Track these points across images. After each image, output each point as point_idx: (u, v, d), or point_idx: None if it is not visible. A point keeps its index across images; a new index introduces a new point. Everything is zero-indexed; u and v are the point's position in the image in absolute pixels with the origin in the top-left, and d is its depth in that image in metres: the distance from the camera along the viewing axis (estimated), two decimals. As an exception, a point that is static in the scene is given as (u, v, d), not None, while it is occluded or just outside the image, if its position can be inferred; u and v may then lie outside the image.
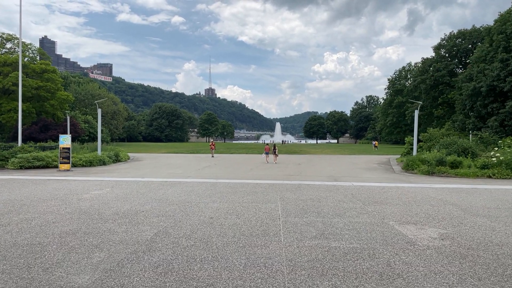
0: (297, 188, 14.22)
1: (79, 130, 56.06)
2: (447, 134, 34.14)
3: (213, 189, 13.86)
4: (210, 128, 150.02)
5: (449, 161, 22.68)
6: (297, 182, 16.49)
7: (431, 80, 50.51)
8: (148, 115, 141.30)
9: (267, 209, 9.82)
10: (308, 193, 12.89)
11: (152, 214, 9.11)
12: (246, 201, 11.19)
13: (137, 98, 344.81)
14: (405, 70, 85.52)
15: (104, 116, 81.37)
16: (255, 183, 15.73)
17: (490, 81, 30.78)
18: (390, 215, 9.17)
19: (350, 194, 12.90)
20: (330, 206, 10.42)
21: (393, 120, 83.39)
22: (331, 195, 12.48)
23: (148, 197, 11.73)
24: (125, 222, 8.15)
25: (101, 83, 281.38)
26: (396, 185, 15.72)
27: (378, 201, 11.35)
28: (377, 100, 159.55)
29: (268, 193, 12.93)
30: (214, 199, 11.42)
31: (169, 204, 10.46)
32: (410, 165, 24.29)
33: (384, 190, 13.96)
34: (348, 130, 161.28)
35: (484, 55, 33.38)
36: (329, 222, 8.32)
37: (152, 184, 15.14)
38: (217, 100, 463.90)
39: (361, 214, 9.32)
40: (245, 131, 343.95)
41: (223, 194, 12.48)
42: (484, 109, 32.03)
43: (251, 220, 8.42)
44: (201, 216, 8.91)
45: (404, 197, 12.22)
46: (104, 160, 27.19)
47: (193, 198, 11.57)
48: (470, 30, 48.73)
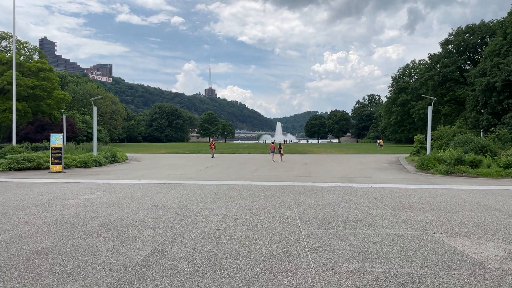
0: (311, 191, 12.72)
1: (76, 130, 54.60)
2: (459, 132, 32.64)
3: (217, 192, 12.36)
4: (211, 128, 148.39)
5: (468, 160, 21.19)
6: (308, 183, 14.99)
7: (439, 77, 48.89)
8: (148, 115, 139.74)
9: (283, 217, 8.32)
10: (324, 197, 11.39)
11: (146, 225, 7.61)
12: (257, 207, 9.69)
13: (137, 99, 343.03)
14: (409, 68, 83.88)
15: (102, 116, 79.96)
16: (263, 185, 14.23)
17: (506, 75, 29.25)
18: (432, 225, 7.66)
19: (373, 197, 11.40)
20: (355, 213, 8.92)
21: (397, 118, 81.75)
22: (352, 199, 10.98)
23: (143, 203, 10.23)
24: (113, 237, 6.65)
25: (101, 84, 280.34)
26: (420, 187, 14.22)
27: (408, 207, 9.84)
28: (378, 99, 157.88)
29: (279, 197, 11.43)
30: (220, 205, 9.92)
31: (167, 212, 8.96)
32: (426, 165, 22.78)
33: (409, 193, 12.46)
34: (349, 130, 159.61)
35: (498, 49, 31.86)
36: (362, 235, 6.82)
37: (150, 187, 13.65)
38: (217, 100, 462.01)
39: (396, 223, 7.82)
40: (245, 131, 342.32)
41: (229, 199, 10.98)
42: (499, 105, 30.49)
43: (267, 233, 6.92)
44: (206, 227, 7.41)
45: (436, 201, 10.72)
46: (100, 161, 25.70)
47: (195, 204, 10.07)
48: (479, 25, 47.15)
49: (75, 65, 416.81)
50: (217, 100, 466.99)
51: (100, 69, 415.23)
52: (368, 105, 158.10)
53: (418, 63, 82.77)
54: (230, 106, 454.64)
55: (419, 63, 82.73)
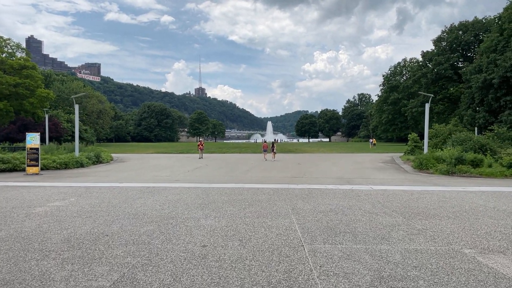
0: (309, 195, 11.57)
1: (61, 130, 52.76)
2: (455, 130, 31.84)
3: (205, 197, 11.14)
4: (201, 127, 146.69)
5: (469, 159, 20.28)
6: (305, 186, 13.86)
7: (432, 74, 48.11)
8: (137, 115, 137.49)
9: (281, 229, 7.15)
10: (324, 202, 10.26)
11: (118, 240, 6.38)
12: (250, 215, 8.51)
13: (126, 98, 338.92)
14: (400, 66, 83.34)
15: (89, 115, 78.04)
16: (256, 188, 13.05)
17: (503, 72, 28.47)
18: (455, 237, 6.56)
19: (377, 202, 10.29)
20: (362, 222, 7.79)
21: (388, 117, 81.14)
22: (355, 204, 9.86)
23: (120, 211, 8.98)
24: (74, 258, 5.40)
25: (89, 83, 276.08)
26: (425, 189, 13.17)
27: (419, 213, 8.75)
28: (369, 98, 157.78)
29: (274, 202, 10.26)
30: (207, 213, 8.72)
31: (146, 222, 7.72)
32: (424, 164, 21.83)
33: (415, 196, 11.39)
34: (340, 129, 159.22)
35: (494, 45, 31.08)
36: (378, 252, 5.68)
37: (131, 191, 12.37)
38: (208, 100, 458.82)
39: (412, 235, 6.70)
40: (236, 130, 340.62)
41: (219, 205, 9.78)
42: (496, 103, 29.71)
43: (263, 250, 5.74)
44: (190, 242, 6.21)
45: (448, 206, 9.65)
46: (82, 162, 24.30)
47: (180, 212, 8.85)
48: (472, 22, 46.48)
49: (63, 64, 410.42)
50: (208, 99, 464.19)
51: (88, 68, 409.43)
52: (358, 104, 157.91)
53: (409, 62, 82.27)
54: (221, 106, 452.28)
55: (410, 62, 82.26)
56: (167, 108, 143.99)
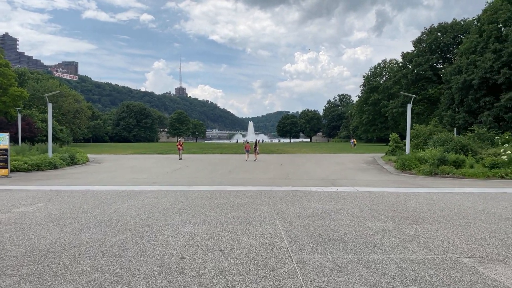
0: (293, 198, 11.12)
1: (35, 130, 51.01)
2: (435, 131, 32.05)
3: (184, 201, 10.55)
4: (181, 127, 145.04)
5: (451, 159, 20.26)
6: (289, 188, 13.41)
7: (412, 75, 48.60)
8: (115, 114, 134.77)
9: (266, 236, 6.66)
10: (310, 205, 9.82)
11: (87, 252, 5.75)
12: (232, 220, 7.98)
13: (104, 98, 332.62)
14: (380, 67, 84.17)
15: (65, 115, 75.90)
16: (238, 191, 12.52)
17: (483, 73, 28.77)
18: (450, 244, 6.20)
19: (365, 205, 9.92)
20: (351, 227, 7.37)
21: (369, 117, 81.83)
22: (342, 208, 9.45)
23: (92, 217, 8.31)
24: (33, 275, 4.77)
25: (66, 82, 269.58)
26: (410, 191, 12.90)
27: (409, 217, 8.40)
28: (349, 98, 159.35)
29: (258, 206, 9.76)
30: (186, 219, 8.15)
31: (119, 231, 7.10)
32: (407, 165, 21.73)
33: (402, 199, 11.08)
34: (321, 129, 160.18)
35: (473, 46, 31.41)
36: (371, 262, 5.24)
37: (105, 195, 11.66)
38: (188, 100, 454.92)
39: (406, 242, 6.30)
40: (217, 130, 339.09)
41: (199, 210, 9.21)
42: (475, 103, 30.01)
43: (247, 262, 5.23)
44: (166, 254, 5.64)
45: (436, 209, 9.35)
46: (55, 163, 23.24)
47: (156, 218, 8.25)
48: (451, 23, 47.13)
49: (39, 63, 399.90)
50: (188, 99, 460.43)
51: (65, 67, 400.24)
52: (339, 105, 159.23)
53: (389, 63, 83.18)
54: (201, 106, 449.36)
55: (390, 63, 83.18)
56: (147, 108, 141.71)
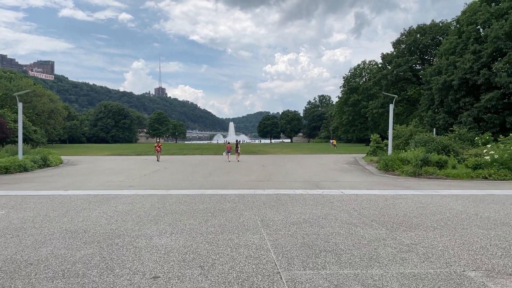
0: (277, 202, 10.53)
1: (6, 131, 48.81)
2: (416, 131, 32.12)
3: (161, 207, 9.82)
4: (161, 128, 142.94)
5: (434, 160, 20.10)
6: (272, 191, 12.82)
7: (392, 76, 48.88)
8: (93, 115, 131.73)
9: (250, 248, 6.03)
10: (296, 210, 9.25)
11: (45, 271, 4.99)
12: (213, 229, 7.31)
13: (82, 98, 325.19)
14: (360, 68, 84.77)
15: (40, 115, 73.38)
16: (220, 195, 11.85)
17: (462, 74, 28.91)
18: (451, 255, 5.70)
19: (353, 210, 9.41)
20: (342, 235, 6.82)
21: (349, 118, 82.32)
22: (330, 213, 8.91)
23: (57, 227, 7.51)
24: (-25, 303, 4.02)
25: (42, 82, 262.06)
26: (397, 193, 12.50)
27: (401, 223, 7.92)
28: (329, 99, 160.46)
29: (241, 211, 9.12)
30: (163, 228, 7.44)
31: (85, 243, 6.34)
32: (390, 166, 21.51)
33: (390, 202, 10.64)
34: (301, 130, 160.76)
35: (453, 47, 31.59)
36: (369, 278, 4.67)
37: (75, 201, 10.81)
38: (168, 100, 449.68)
39: (403, 253, 5.78)
40: (197, 131, 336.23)
41: (176, 217, 8.51)
42: (455, 104, 30.15)
43: (230, 282, 4.58)
44: (137, 272, 4.94)
45: (427, 213, 8.92)
46: (25, 166, 22.07)
47: (129, 227, 7.51)
48: (430, 25, 47.58)
49: (13, 62, 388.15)
50: (168, 99, 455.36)
51: (41, 66, 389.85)
52: (319, 106, 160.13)
53: (368, 64, 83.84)
54: (182, 106, 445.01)
55: (370, 64, 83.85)
56: (125, 108, 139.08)
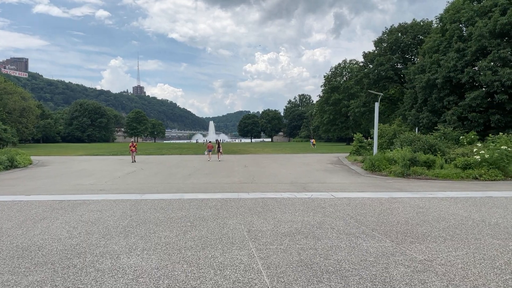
0: (264, 207, 9.55)
1: (-28, 130, 46.40)
2: (399, 130, 31.72)
3: (133, 215, 8.69)
4: (139, 127, 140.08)
5: (422, 160, 19.52)
6: (257, 194, 11.82)
7: (374, 75, 48.63)
8: (68, 113, 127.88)
9: (238, 269, 5.01)
10: (286, 218, 8.28)
11: (-27, 309, 3.87)
12: (192, 244, 6.26)
13: (57, 96, 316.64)
14: (340, 68, 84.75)
15: (10, 113, 70.37)
16: (200, 200, 10.79)
17: (446, 72, 28.59)
18: (475, 275, 4.83)
19: (348, 216, 8.52)
20: (344, 250, 5.88)
21: (330, 117, 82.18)
22: (324, 221, 7.98)
23: (6, 243, 6.31)
24: None
25: (15, 79, 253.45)
26: (391, 196, 11.70)
27: (405, 232, 7.05)
28: (309, 99, 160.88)
29: (224, 219, 8.09)
30: (133, 242, 6.34)
31: (37, 265, 5.20)
32: (377, 166, 20.83)
33: (386, 206, 9.81)
34: (282, 129, 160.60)
35: (436, 45, 31.29)
36: (390, 312, 3.73)
37: (36, 208, 9.56)
38: (147, 99, 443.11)
39: (419, 273, 4.87)
40: (176, 130, 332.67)
41: (150, 227, 7.41)
42: (439, 103, 29.83)
43: (215, 322, 3.56)
44: (95, 308, 3.86)
45: (431, 220, 8.09)
46: (-12, 167, 20.42)
47: (94, 242, 6.38)
48: (411, 24, 47.50)
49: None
50: (146, 98, 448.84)
51: (14, 63, 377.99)
52: (299, 105, 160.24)
53: (349, 63, 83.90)
54: (161, 105, 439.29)
55: (350, 63, 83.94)
56: (102, 107, 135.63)
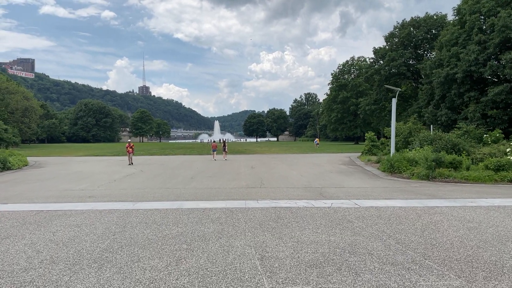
0: (278, 221, 7.87)
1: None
2: (415, 129, 29.87)
3: (118, 232, 7.05)
4: (144, 127, 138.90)
5: (447, 160, 17.74)
6: (268, 202, 10.15)
7: (385, 71, 46.66)
8: (73, 113, 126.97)
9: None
10: (306, 237, 6.59)
11: None
12: (186, 281, 4.59)
13: (64, 96, 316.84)
14: (348, 65, 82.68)
15: (13, 113, 69.28)
16: (201, 210, 9.13)
17: (467, 66, 26.70)
18: None
19: (383, 233, 6.81)
20: (397, 293, 4.18)
21: (337, 116, 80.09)
22: (357, 242, 6.27)
23: None
24: None
25: (22, 80, 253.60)
26: (425, 204, 9.96)
27: (468, 260, 5.34)
28: (315, 97, 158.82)
29: (229, 239, 6.42)
30: (107, 278, 4.68)
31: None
32: (396, 167, 19.08)
33: (425, 220, 8.09)
34: (287, 128, 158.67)
35: (455, 38, 29.42)
36: None
37: (5, 221, 7.96)
38: (152, 99, 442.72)
39: None
40: (182, 130, 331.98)
41: (135, 252, 5.75)
42: (459, 99, 27.95)
43: None
44: None
45: (491, 240, 6.37)
46: (-24, 170, 18.95)
47: (54, 278, 4.72)
48: (424, 18, 45.36)
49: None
50: (152, 98, 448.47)
51: (21, 64, 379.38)
52: (305, 104, 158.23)
53: (357, 60, 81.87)
54: (166, 105, 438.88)
55: (358, 60, 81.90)
56: (106, 106, 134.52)
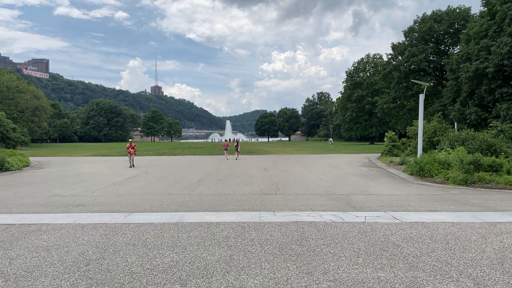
0: (303, 245, 6.08)
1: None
2: (439, 128, 27.72)
3: (94, 260, 5.33)
4: (155, 126, 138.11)
5: (486, 163, 15.71)
6: (287, 216, 8.35)
7: (405, 67, 44.36)
8: (84, 113, 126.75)
9: None
10: (345, 273, 4.79)
11: None
12: None
13: (77, 96, 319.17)
14: (364, 62, 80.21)
15: (23, 112, 68.60)
16: (206, 226, 7.38)
17: (499, 59, 24.47)
18: None
19: (452, 268, 4.96)
20: None
21: (352, 115, 77.65)
22: (419, 281, 4.44)
23: None
24: None
25: (37, 80, 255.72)
26: (482, 220, 8.04)
27: None
28: (328, 96, 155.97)
29: (240, 276, 4.65)
30: None
31: None
32: (427, 170, 17.09)
33: (496, 244, 6.22)
34: (299, 128, 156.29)
35: (484, 30, 27.21)
36: None
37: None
38: (164, 98, 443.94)
39: None
40: (194, 130, 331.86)
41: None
42: (490, 95, 25.71)
43: None
44: None
45: None
46: (-32, 172, 17.54)
47: None
48: (447, 11, 42.86)
49: (7, 60, 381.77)
50: (164, 98, 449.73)
51: (35, 64, 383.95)
52: (318, 103, 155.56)
53: (373, 58, 79.40)
54: (178, 105, 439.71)
55: (374, 58, 79.44)
56: (118, 106, 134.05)
